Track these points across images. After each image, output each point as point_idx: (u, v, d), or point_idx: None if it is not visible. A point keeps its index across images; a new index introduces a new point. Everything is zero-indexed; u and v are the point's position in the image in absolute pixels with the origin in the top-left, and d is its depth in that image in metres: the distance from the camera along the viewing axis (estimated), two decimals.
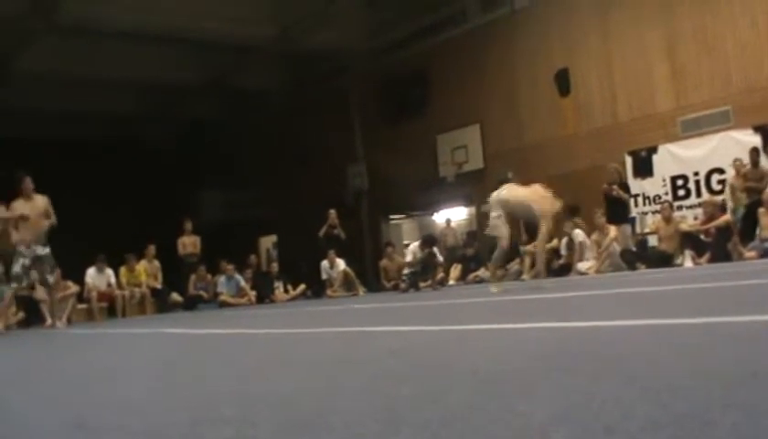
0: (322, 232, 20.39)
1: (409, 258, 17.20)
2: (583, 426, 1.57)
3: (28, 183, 13.08)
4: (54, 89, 23.07)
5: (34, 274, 13.34)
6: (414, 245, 17.45)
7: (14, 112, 24.45)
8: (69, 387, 3.68)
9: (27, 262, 13.03)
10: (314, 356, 4.19)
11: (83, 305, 18.24)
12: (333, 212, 20.50)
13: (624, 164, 17.58)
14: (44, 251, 13.23)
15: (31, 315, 16.16)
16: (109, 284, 18.32)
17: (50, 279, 13.67)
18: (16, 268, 13.07)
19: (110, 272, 18.56)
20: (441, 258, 17.53)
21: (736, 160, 15.67)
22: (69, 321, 17.16)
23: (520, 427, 1.62)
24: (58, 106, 24.44)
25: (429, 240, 17.24)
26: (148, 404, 2.65)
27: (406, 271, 16.90)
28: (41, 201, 13.21)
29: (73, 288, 17.88)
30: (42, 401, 3.06)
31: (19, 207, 13.02)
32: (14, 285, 13.51)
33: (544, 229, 11.27)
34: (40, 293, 16.95)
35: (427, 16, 22.00)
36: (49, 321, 14.10)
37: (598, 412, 1.69)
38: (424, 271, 16.88)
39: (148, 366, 4.73)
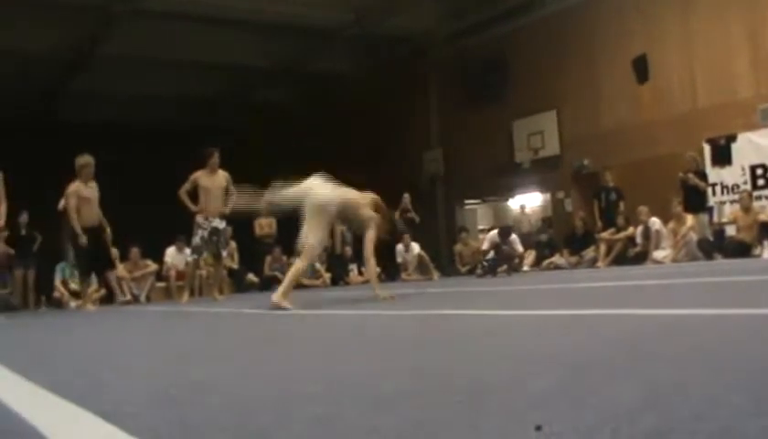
0: (396, 217, 20.45)
1: (485, 246, 17.17)
2: (672, 412, 1.58)
3: (216, 158, 13.55)
4: (133, 73, 23.37)
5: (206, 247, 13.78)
6: (493, 233, 17.40)
7: (96, 97, 24.89)
8: (156, 363, 3.75)
9: (206, 234, 13.42)
10: (394, 337, 4.22)
11: (162, 284, 18.52)
12: (406, 196, 20.54)
13: (702, 152, 17.30)
14: (221, 224, 13.66)
15: (112, 291, 16.46)
16: (187, 264, 18.56)
17: (224, 253, 14.07)
18: (196, 239, 13.50)
19: (188, 251, 18.81)
20: (521, 248, 17.48)
21: None
22: (149, 298, 17.48)
23: (608, 411, 1.63)
24: (136, 90, 24.75)
25: (506, 231, 17.16)
26: (235, 382, 2.70)
27: (488, 256, 16.85)
28: (223, 177, 13.67)
29: (152, 266, 18.20)
30: (131, 377, 3.14)
31: (202, 180, 13.43)
32: (194, 256, 13.90)
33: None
34: (121, 271, 17.28)
35: (504, 1, 21.83)
36: (217, 295, 14.38)
37: (686, 399, 1.69)
38: (503, 259, 16.82)
39: (232, 344, 4.80)
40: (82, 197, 13.01)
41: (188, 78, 24.61)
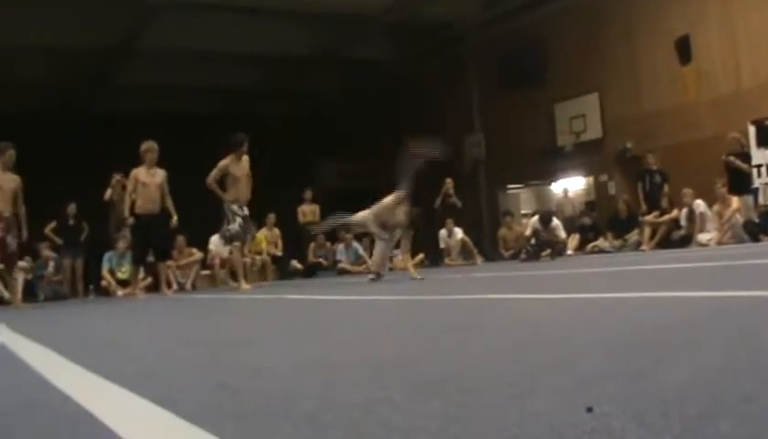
0: (438, 202, 20.45)
1: (528, 231, 17.15)
2: (720, 394, 1.57)
3: (245, 147, 13.61)
4: (172, 65, 23.50)
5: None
6: (534, 219, 17.36)
7: (137, 89, 25.05)
8: (204, 350, 3.79)
9: (242, 221, 13.56)
10: (438, 322, 4.24)
11: (206, 272, 18.64)
12: (449, 181, 20.53)
13: (746, 133, 17.11)
14: (247, 211, 13.76)
15: (158, 280, 16.60)
16: (231, 252, 18.64)
17: (250, 238, 14.14)
18: (235, 227, 13.60)
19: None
20: (564, 234, 17.38)
21: None
22: (194, 286, 17.60)
23: (657, 393, 1.63)
24: (176, 82, 24.89)
25: (547, 218, 17.03)
26: (281, 367, 2.71)
27: (532, 242, 16.83)
28: (246, 162, 13.74)
29: (197, 255, 18.33)
30: (183, 365, 3.17)
31: (232, 168, 13.52)
32: (236, 244, 14.02)
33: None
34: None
35: None
36: (239, 284, 14.35)
37: (734, 381, 1.69)
38: (544, 244, 16.78)
39: (277, 331, 4.84)
40: (140, 181, 13.13)
41: (229, 68, 24.70)
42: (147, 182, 13.19)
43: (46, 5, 18.41)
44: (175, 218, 13.58)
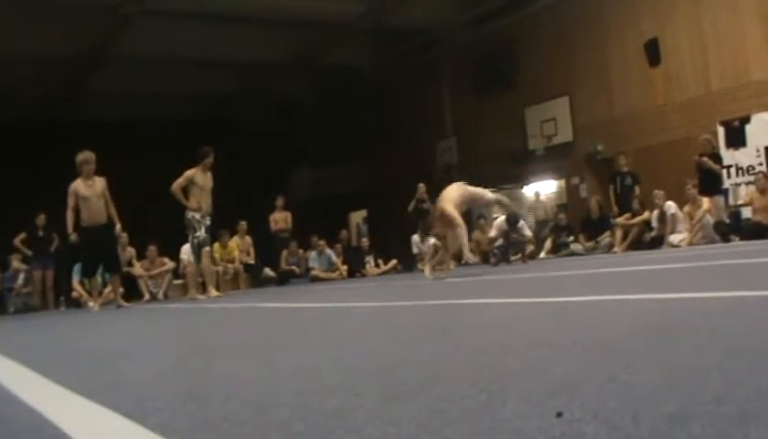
0: (411, 207, 20.43)
1: (493, 233, 17.15)
2: (691, 396, 1.57)
3: (211, 158, 13.72)
4: (147, 72, 23.46)
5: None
6: (500, 220, 17.34)
7: (111, 96, 24.95)
8: (175, 359, 3.78)
9: (205, 229, 13.63)
10: (412, 328, 4.24)
11: (179, 281, 18.56)
12: (422, 186, 20.53)
13: (716, 134, 17.19)
14: (209, 222, 13.86)
15: (131, 290, 16.54)
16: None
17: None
18: (201, 234, 13.63)
19: (187, 247, 18.84)
20: (530, 233, 17.38)
21: None
22: (166, 296, 17.53)
23: (628, 397, 1.63)
24: (151, 89, 24.85)
25: (514, 219, 16.99)
26: (253, 376, 2.70)
27: (498, 244, 16.85)
28: (210, 176, 13.90)
29: (169, 264, 18.26)
30: (152, 373, 3.15)
31: (198, 178, 13.65)
32: (206, 249, 13.94)
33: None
34: (138, 269, 17.36)
35: None
36: (207, 291, 14.32)
37: (705, 383, 1.69)
38: (513, 245, 16.79)
39: (249, 339, 4.83)
40: (80, 195, 12.83)
41: (205, 75, 24.69)
42: (87, 194, 12.84)
43: (18, 14, 18.30)
44: (118, 225, 13.42)
